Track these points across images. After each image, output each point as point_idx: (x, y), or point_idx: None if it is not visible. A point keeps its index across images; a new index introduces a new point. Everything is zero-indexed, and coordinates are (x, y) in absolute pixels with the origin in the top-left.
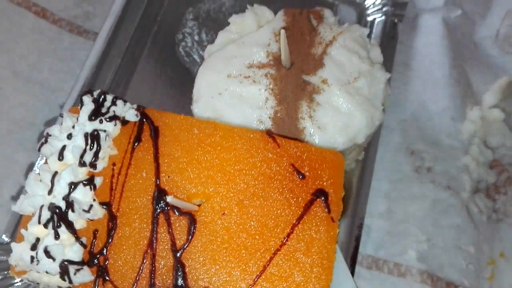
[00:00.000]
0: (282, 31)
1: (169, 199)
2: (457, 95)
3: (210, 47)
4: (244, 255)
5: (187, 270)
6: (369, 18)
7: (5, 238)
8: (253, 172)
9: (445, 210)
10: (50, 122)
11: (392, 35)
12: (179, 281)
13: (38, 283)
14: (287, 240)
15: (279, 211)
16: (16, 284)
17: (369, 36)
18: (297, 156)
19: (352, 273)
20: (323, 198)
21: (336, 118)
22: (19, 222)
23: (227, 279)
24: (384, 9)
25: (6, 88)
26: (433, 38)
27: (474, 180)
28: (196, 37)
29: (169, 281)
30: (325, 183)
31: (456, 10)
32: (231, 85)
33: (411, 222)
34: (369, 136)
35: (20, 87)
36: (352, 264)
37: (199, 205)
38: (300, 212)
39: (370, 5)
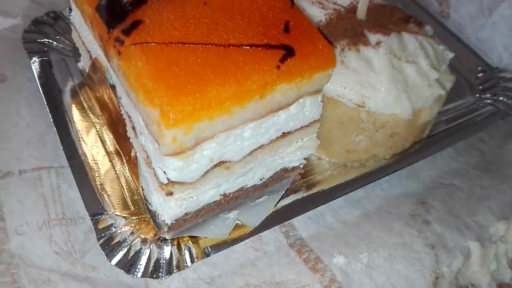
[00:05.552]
0: None
1: None
2: None
3: None
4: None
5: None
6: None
7: None
8: None
9: (409, 260)
10: None
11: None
12: None
13: None
14: (237, 47)
15: (251, 31)
16: None
17: None
18: (300, 23)
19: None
20: (287, 53)
21: (364, 71)
22: None
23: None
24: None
25: None
26: None
27: (469, 274)
28: None
29: None
30: (299, 50)
31: None
32: (305, 0)
33: (366, 241)
34: (376, 122)
35: None
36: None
37: None
38: (261, 42)
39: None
